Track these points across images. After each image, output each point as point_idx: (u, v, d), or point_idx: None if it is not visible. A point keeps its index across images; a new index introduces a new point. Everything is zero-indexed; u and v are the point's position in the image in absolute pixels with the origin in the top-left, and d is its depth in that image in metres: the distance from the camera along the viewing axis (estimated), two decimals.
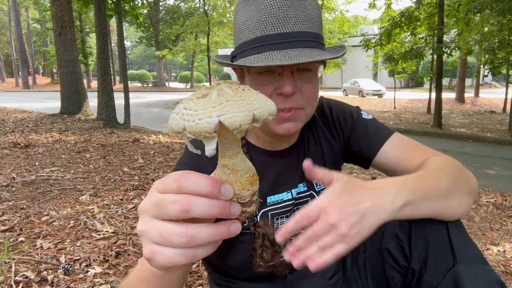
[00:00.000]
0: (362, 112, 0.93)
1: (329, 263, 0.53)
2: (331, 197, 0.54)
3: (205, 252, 0.38)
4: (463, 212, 0.70)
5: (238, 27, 0.74)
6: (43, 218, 2.15)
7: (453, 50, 8.04)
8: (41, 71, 41.83)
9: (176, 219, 0.37)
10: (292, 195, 0.82)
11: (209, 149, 0.34)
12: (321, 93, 0.86)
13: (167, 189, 0.37)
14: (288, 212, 0.82)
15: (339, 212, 0.53)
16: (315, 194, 0.86)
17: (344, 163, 0.95)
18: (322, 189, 0.87)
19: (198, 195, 0.36)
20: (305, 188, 0.85)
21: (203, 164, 0.75)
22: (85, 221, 2.13)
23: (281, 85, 0.70)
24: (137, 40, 34.50)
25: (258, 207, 0.43)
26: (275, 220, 0.81)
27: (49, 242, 1.82)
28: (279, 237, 0.53)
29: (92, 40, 30.88)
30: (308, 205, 0.54)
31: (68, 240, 1.89)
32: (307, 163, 0.55)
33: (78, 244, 1.83)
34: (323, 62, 0.75)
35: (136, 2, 9.25)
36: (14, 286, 1.42)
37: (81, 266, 1.62)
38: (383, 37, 8.91)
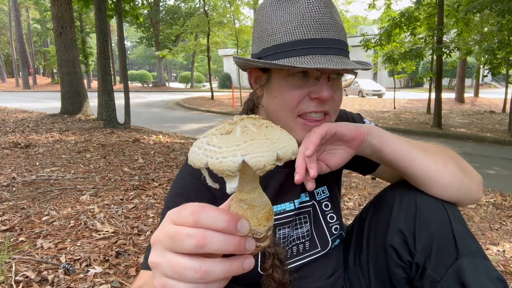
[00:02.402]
0: (365, 119, 0.94)
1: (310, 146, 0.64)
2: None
3: (217, 287, 0.37)
4: (452, 176, 0.71)
5: (270, 28, 0.71)
6: (44, 218, 2.16)
7: (453, 50, 8.04)
8: (42, 71, 41.83)
9: (190, 253, 0.36)
10: (294, 205, 0.82)
11: (231, 187, 0.34)
12: None
13: (183, 222, 0.36)
14: (290, 222, 0.82)
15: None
16: (316, 204, 0.86)
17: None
18: (323, 198, 0.88)
19: (214, 230, 0.35)
20: (307, 198, 0.85)
21: None
22: (86, 221, 2.13)
23: (318, 89, 0.70)
24: (137, 40, 34.50)
25: (271, 241, 0.43)
26: (277, 230, 0.80)
27: (50, 242, 1.83)
28: (309, 152, 0.62)
29: (92, 40, 30.88)
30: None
31: (68, 240, 1.89)
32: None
33: (78, 244, 1.83)
34: (355, 72, 0.77)
35: (136, 3, 9.26)
36: (14, 286, 1.42)
37: (82, 266, 1.62)
38: (383, 37, 8.91)
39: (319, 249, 0.84)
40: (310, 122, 0.72)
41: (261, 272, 0.77)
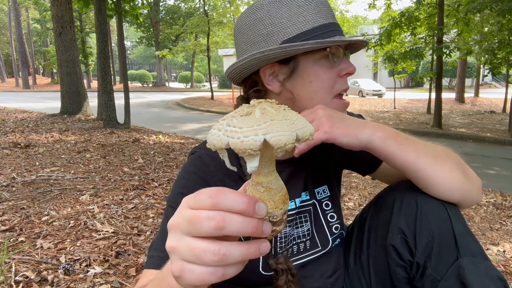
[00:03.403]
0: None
1: (305, 149, 0.68)
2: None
3: (234, 271, 0.37)
4: (456, 182, 0.71)
5: (285, 21, 0.72)
6: (43, 218, 2.15)
7: (453, 50, 8.04)
8: (41, 71, 41.82)
9: (208, 236, 0.36)
10: (295, 204, 0.82)
11: (252, 166, 0.35)
12: None
13: (201, 205, 0.36)
14: (291, 221, 0.82)
15: (324, 110, 0.70)
16: (316, 203, 0.86)
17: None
18: (324, 197, 0.88)
19: (232, 212, 0.35)
20: (308, 197, 0.85)
21: (210, 172, 0.75)
22: (85, 221, 2.13)
23: (347, 66, 0.76)
24: (137, 40, 34.50)
25: (286, 226, 0.43)
26: None
27: (49, 242, 1.83)
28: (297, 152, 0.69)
29: (92, 40, 30.89)
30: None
31: (68, 240, 1.89)
32: None
33: (78, 244, 1.83)
34: None
35: (136, 2, 9.26)
36: (14, 286, 1.42)
37: (81, 266, 1.62)
38: (383, 37, 8.91)
39: (320, 248, 0.84)
40: (343, 101, 0.78)
41: (263, 273, 0.76)
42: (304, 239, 0.84)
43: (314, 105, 0.75)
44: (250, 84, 0.80)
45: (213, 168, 0.76)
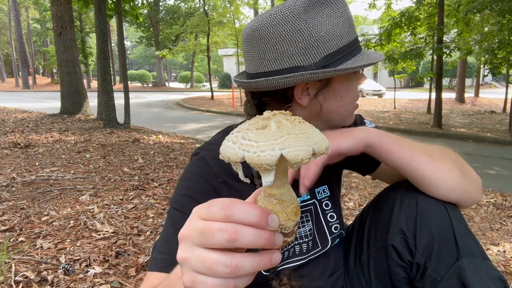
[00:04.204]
0: (365, 120, 0.94)
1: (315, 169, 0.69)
2: None
3: (245, 282, 0.37)
4: (454, 181, 0.72)
5: (324, 35, 0.71)
6: (43, 218, 2.15)
7: (453, 50, 8.04)
8: (41, 71, 41.82)
9: (219, 248, 0.36)
10: None
11: (267, 180, 0.34)
12: None
13: (213, 217, 0.36)
14: None
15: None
16: (317, 203, 0.86)
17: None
18: (324, 198, 0.88)
19: (245, 225, 0.35)
20: (308, 197, 0.85)
21: (214, 174, 0.75)
22: (85, 221, 2.13)
23: (362, 77, 0.83)
24: (137, 40, 34.48)
25: (295, 236, 0.43)
26: None
27: (49, 242, 1.82)
28: (308, 183, 0.68)
29: (92, 40, 30.87)
30: None
31: (68, 240, 1.88)
32: None
33: (78, 244, 1.83)
34: None
35: (136, 2, 9.25)
36: (14, 286, 1.42)
37: (81, 266, 1.62)
38: (383, 37, 8.90)
39: (320, 248, 0.85)
40: (356, 104, 0.84)
41: (264, 273, 0.76)
42: (306, 239, 0.84)
43: (340, 117, 0.80)
44: (278, 96, 0.77)
45: (216, 170, 0.75)
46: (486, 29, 10.33)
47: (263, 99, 0.78)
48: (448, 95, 15.35)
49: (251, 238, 0.35)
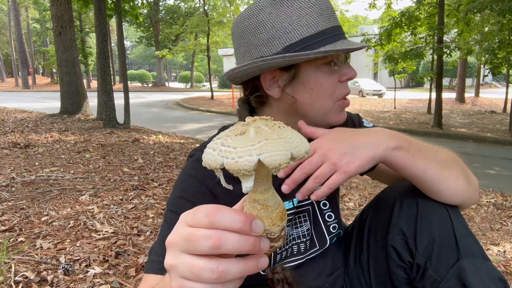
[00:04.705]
0: (363, 120, 0.93)
1: (327, 193, 0.62)
2: (323, 140, 0.65)
3: (233, 287, 0.38)
4: (460, 190, 0.71)
5: (287, 25, 0.71)
6: (43, 218, 2.15)
7: (453, 50, 8.04)
8: (41, 71, 41.81)
9: (205, 254, 0.36)
10: (293, 204, 0.82)
11: (247, 186, 0.35)
12: None
13: (198, 223, 0.36)
14: (290, 221, 0.82)
15: (330, 145, 0.63)
16: (314, 203, 0.85)
17: None
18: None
19: (229, 231, 0.36)
20: (306, 197, 0.85)
21: (209, 175, 0.74)
22: (85, 221, 2.13)
23: (347, 71, 0.76)
24: (137, 40, 34.49)
25: (284, 241, 0.43)
26: None
27: (49, 242, 1.82)
28: (285, 189, 0.61)
29: (92, 40, 30.87)
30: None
31: (68, 240, 1.88)
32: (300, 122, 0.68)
33: (78, 244, 1.83)
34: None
35: (136, 2, 9.25)
36: (14, 286, 1.42)
37: (81, 266, 1.61)
38: (383, 37, 8.91)
39: (317, 247, 0.84)
40: (345, 100, 0.78)
41: (261, 272, 0.76)
42: (304, 239, 0.83)
43: (315, 113, 0.77)
44: (251, 89, 0.79)
45: (211, 171, 0.75)
46: (486, 29, 10.33)
47: (247, 95, 0.81)
48: (448, 95, 15.35)
49: (235, 244, 0.35)
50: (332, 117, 0.78)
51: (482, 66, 12.33)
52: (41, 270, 1.55)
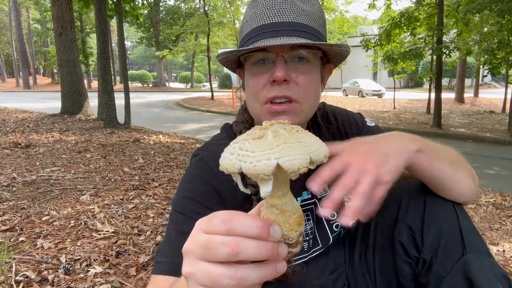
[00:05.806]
0: (365, 119, 0.93)
1: (376, 209, 0.55)
2: (351, 151, 0.58)
3: None
4: (468, 189, 0.72)
5: (242, 25, 0.78)
6: (44, 218, 2.16)
7: (453, 51, 8.04)
8: (42, 71, 41.82)
9: (223, 261, 0.36)
10: None
11: (265, 190, 0.34)
12: (322, 93, 0.85)
13: (215, 230, 0.36)
14: None
15: (364, 156, 0.56)
16: (318, 202, 0.86)
17: None
18: (325, 195, 0.88)
19: (246, 237, 0.35)
20: (309, 196, 0.85)
21: (214, 174, 0.74)
22: (86, 221, 2.14)
23: (273, 71, 0.69)
24: (138, 40, 34.51)
25: (301, 247, 0.42)
26: None
27: (50, 242, 1.83)
28: (314, 185, 0.52)
29: (92, 41, 30.89)
30: (332, 161, 0.54)
31: (68, 240, 1.89)
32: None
33: (78, 244, 1.83)
34: (323, 58, 0.75)
35: (137, 3, 9.27)
36: (14, 286, 1.43)
37: (82, 266, 1.62)
38: (382, 37, 8.91)
39: (320, 246, 0.85)
40: (274, 105, 0.71)
41: None
42: (307, 238, 0.84)
43: (252, 111, 0.76)
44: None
45: (217, 170, 0.75)
46: (485, 29, 10.32)
47: None
48: (447, 95, 15.35)
49: (254, 250, 0.35)
50: (262, 118, 0.72)
51: (481, 66, 12.32)
52: (42, 269, 1.56)
